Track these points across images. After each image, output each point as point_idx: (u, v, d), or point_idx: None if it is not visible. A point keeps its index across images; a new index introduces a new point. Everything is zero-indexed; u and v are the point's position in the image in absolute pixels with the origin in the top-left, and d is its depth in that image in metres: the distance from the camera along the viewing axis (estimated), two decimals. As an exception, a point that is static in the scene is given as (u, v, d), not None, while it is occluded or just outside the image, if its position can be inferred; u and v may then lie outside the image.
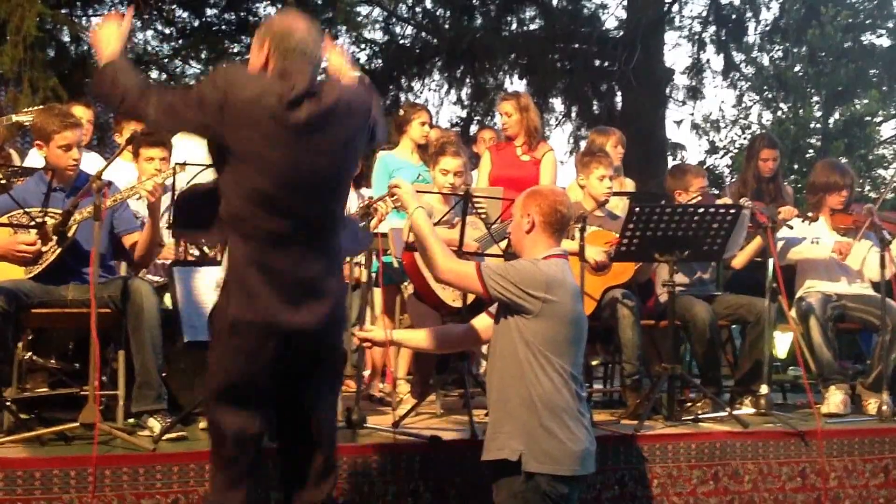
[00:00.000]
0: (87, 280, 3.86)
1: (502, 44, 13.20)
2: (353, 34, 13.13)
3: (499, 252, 4.34)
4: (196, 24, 12.13)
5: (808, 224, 5.26)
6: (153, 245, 4.24)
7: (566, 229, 3.48)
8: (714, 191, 7.00)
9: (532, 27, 13.81)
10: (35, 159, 4.87)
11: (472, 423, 4.03)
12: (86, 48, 10.58)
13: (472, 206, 4.34)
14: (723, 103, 28.50)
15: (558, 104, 14.02)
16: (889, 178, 17.23)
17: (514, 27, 13.78)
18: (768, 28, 14.97)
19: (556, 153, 5.76)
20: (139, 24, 11.24)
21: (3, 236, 4.01)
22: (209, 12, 12.15)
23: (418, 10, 14.04)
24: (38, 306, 4.02)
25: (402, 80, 13.81)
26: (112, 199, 4.02)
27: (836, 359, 5.11)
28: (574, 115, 13.98)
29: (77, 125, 4.19)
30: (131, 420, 4.02)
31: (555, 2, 13.70)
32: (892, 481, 4.57)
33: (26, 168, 4.79)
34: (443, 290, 4.53)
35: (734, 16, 14.29)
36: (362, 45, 14.05)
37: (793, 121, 16.95)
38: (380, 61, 14.04)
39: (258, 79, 2.85)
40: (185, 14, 12.12)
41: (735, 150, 17.93)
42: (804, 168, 15.46)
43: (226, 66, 3.70)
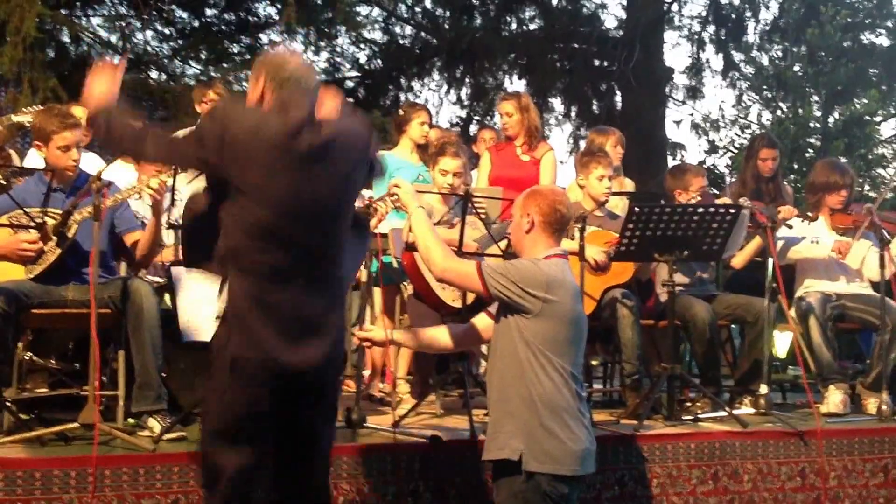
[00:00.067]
0: (88, 280, 3.85)
1: (502, 44, 13.20)
2: (353, 34, 13.15)
3: (498, 252, 4.34)
4: (196, 24, 12.13)
5: (808, 224, 5.26)
6: (155, 244, 4.24)
7: (566, 229, 3.48)
8: (713, 191, 7.00)
9: (532, 27, 13.82)
10: (34, 160, 4.85)
11: (471, 423, 4.03)
12: (86, 48, 10.59)
13: (471, 206, 4.34)
14: (722, 103, 28.55)
15: (558, 104, 14.04)
16: (889, 178, 17.24)
17: (513, 27, 13.79)
18: (768, 28, 15.00)
19: (556, 153, 5.77)
20: (139, 24, 11.25)
21: (3, 236, 4.01)
22: (209, 12, 12.17)
23: (418, 10, 14.04)
24: (39, 307, 4.01)
25: (402, 80, 13.81)
26: (112, 199, 4.01)
27: (836, 358, 5.11)
28: (574, 114, 13.99)
29: (76, 126, 4.17)
30: (131, 420, 4.02)
31: (554, 1, 13.70)
32: (891, 481, 4.57)
33: (26, 168, 4.78)
34: (442, 290, 4.53)
35: (733, 15, 14.30)
36: (362, 45, 14.08)
37: (792, 120, 16.97)
38: (380, 61, 14.05)
39: (256, 111, 2.88)
40: (185, 14, 12.11)
41: (735, 149, 17.95)
42: (804, 168, 15.47)
43: (223, 101, 3.76)
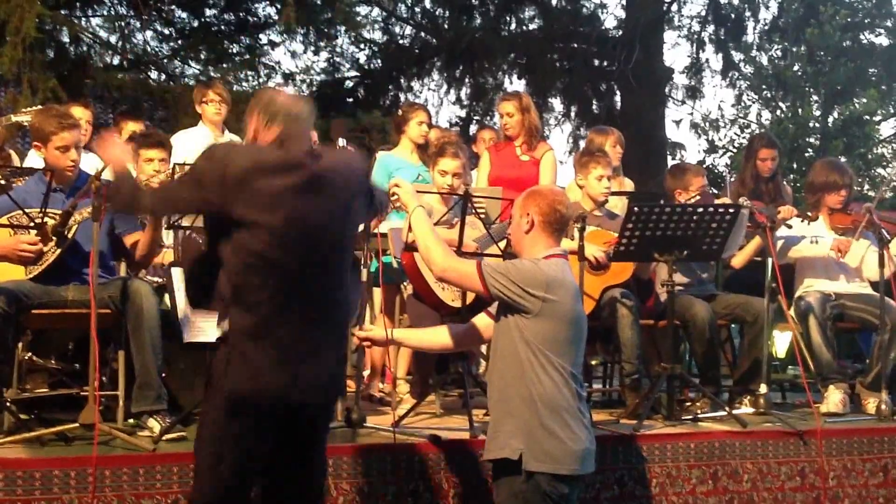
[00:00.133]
0: (88, 281, 3.85)
1: (501, 43, 13.21)
2: (353, 34, 13.16)
3: (498, 252, 4.34)
4: (195, 24, 12.15)
5: (807, 223, 5.26)
6: (154, 245, 4.23)
7: (565, 229, 3.49)
8: (713, 190, 6.99)
9: (531, 27, 13.83)
10: (34, 160, 4.85)
11: (471, 422, 4.04)
12: (85, 49, 10.60)
13: (471, 206, 4.34)
14: (722, 102, 28.62)
15: (557, 104, 14.07)
16: (888, 177, 17.24)
17: (513, 27, 13.80)
18: (767, 27, 15.02)
19: (556, 153, 5.77)
20: (139, 24, 11.26)
21: (3, 237, 4.01)
22: (208, 13, 12.18)
23: (417, 10, 14.05)
24: (39, 307, 4.01)
25: (402, 80, 13.83)
26: (112, 199, 4.01)
27: (835, 358, 5.11)
28: (573, 114, 14.01)
29: (75, 126, 4.17)
30: (131, 420, 4.02)
31: (554, 1, 13.71)
32: (891, 480, 4.57)
33: (26, 168, 4.78)
34: (442, 290, 4.53)
35: (733, 15, 14.31)
36: (362, 45, 14.09)
37: (792, 120, 16.99)
38: (379, 61, 14.06)
39: (254, 146, 2.94)
40: (185, 14, 12.13)
41: (734, 149, 17.97)
42: (803, 167, 15.48)
43: (219, 144, 3.87)
